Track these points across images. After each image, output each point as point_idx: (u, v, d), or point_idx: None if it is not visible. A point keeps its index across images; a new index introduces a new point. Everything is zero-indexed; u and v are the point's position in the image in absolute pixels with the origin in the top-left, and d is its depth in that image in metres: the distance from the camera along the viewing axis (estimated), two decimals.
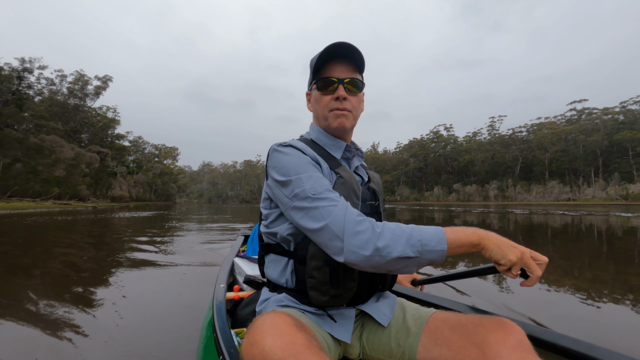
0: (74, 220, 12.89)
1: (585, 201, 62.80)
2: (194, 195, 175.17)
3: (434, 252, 0.78)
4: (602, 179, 71.00)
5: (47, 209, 24.60)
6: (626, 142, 68.54)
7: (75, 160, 42.39)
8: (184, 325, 2.16)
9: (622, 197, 56.95)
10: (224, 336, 0.98)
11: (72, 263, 4.26)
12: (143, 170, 76.55)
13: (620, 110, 75.86)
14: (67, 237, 7.21)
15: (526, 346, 0.75)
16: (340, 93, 0.99)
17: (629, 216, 15.03)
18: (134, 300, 2.73)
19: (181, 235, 7.87)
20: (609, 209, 24.41)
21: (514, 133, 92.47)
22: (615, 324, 2.35)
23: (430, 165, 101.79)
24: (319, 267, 0.89)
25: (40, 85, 46.09)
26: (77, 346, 1.89)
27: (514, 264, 0.77)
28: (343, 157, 1.08)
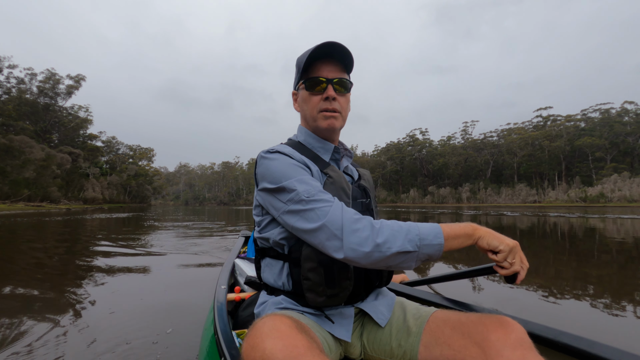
0: (50, 221, 13.03)
1: (548, 203, 66.56)
2: (170, 197, 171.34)
3: (432, 246, 0.79)
4: (565, 182, 75.43)
5: (20, 211, 24.13)
6: (586, 147, 73.28)
7: (46, 161, 41.18)
8: (186, 327, 2.16)
9: (582, 199, 61.00)
10: (225, 337, 0.98)
11: (55, 264, 4.43)
12: (117, 172, 74.61)
13: (582, 117, 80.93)
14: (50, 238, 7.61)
15: (527, 344, 0.75)
16: (329, 93, 0.99)
17: (577, 217, 16.54)
18: (133, 302, 2.73)
19: (176, 235, 8.15)
20: (569, 211, 26.19)
21: (485, 138, 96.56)
22: (572, 313, 2.55)
23: (406, 168, 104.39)
24: (314, 269, 0.90)
25: (10, 85, 44.81)
26: (78, 350, 1.87)
27: (511, 249, 0.82)
28: (332, 158, 1.10)
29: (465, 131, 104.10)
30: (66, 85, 56.10)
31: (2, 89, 42.84)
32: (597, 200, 57.86)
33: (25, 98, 49.28)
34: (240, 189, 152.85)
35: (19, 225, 10.90)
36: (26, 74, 50.32)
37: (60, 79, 55.01)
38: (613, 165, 68.09)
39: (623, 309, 2.63)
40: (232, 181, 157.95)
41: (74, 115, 60.64)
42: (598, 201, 57.40)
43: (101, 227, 10.46)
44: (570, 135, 78.43)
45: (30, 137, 41.97)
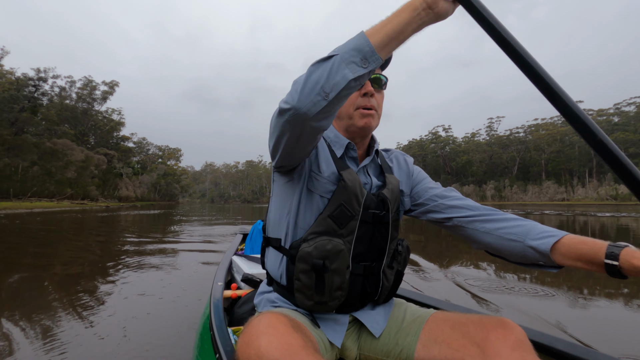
0: (98, 216, 14.76)
1: (577, 201, 64.46)
2: (197, 195, 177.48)
3: (351, 41, 0.70)
4: (595, 179, 72.58)
5: (68, 208, 26.88)
6: (619, 143, 69.99)
7: (85, 162, 44.66)
8: (181, 323, 2.15)
9: (612, 197, 58.71)
10: (220, 334, 0.99)
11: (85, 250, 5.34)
12: (147, 171, 78.57)
13: (614, 111, 77.46)
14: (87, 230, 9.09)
15: (526, 346, 0.74)
16: (368, 89, 0.93)
17: (614, 216, 16.65)
18: (130, 297, 2.78)
19: (183, 231, 8.87)
20: (599, 209, 25.71)
21: (511, 134, 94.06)
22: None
23: (429, 166, 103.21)
24: (306, 271, 0.87)
25: (53, 93, 49.31)
26: (71, 343, 1.89)
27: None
28: (348, 155, 1.02)
29: (491, 127, 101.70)
30: (102, 91, 60.17)
31: (46, 97, 46.92)
32: (628, 198, 55.53)
33: (66, 104, 53.53)
34: (264, 187, 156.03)
35: (76, 219, 12.71)
36: (66, 81, 54.59)
37: (96, 85, 59.14)
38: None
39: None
40: (255, 179, 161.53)
41: (108, 118, 64.76)
42: (630, 199, 55.09)
43: (141, 222, 12.02)
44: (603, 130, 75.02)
45: (71, 140, 45.58)
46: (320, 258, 0.86)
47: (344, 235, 0.91)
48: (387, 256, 0.99)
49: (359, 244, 0.93)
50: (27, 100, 40.46)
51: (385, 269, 0.99)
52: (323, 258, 0.87)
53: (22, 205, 25.95)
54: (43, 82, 44.86)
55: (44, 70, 44.70)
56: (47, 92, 46.68)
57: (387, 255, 0.99)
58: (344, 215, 0.91)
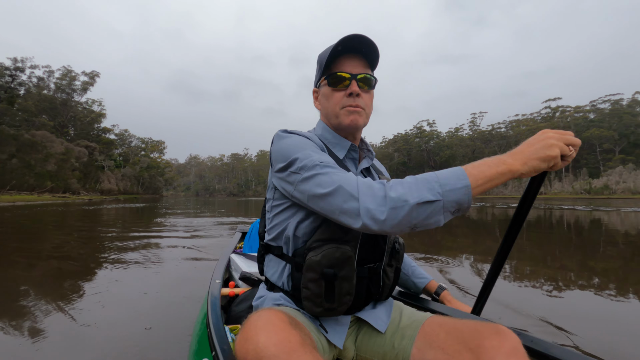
0: (80, 209, 14.76)
1: (553, 195, 67.00)
2: (181, 188, 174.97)
3: (457, 191, 0.70)
4: (571, 173, 75.34)
5: (51, 201, 26.48)
6: (594, 139, 72.89)
7: (65, 154, 43.66)
8: (178, 320, 2.15)
9: (586, 191, 61.27)
10: (217, 332, 0.99)
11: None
12: (130, 164, 77.18)
13: (591, 108, 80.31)
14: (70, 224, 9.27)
15: (521, 354, 0.75)
16: (353, 89, 0.95)
17: (572, 209, 17.51)
18: (126, 293, 2.75)
19: (174, 226, 8.79)
20: (574, 203, 26.98)
21: (493, 129, 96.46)
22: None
23: (413, 160, 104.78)
24: (315, 280, 0.86)
25: (31, 83, 47.80)
26: (65, 342, 1.86)
27: (563, 155, 0.75)
28: (348, 156, 1.04)
29: (474, 122, 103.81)
30: (82, 81, 58.70)
31: (24, 87, 45.61)
32: (601, 192, 58.11)
33: (44, 94, 52.02)
34: (250, 181, 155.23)
35: (60, 213, 12.71)
36: (44, 71, 52.99)
37: (76, 75, 57.59)
38: (621, 157, 67.81)
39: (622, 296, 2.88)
40: (241, 173, 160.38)
41: (88, 109, 63.19)
42: (602, 193, 57.67)
43: (124, 215, 12.15)
44: (578, 127, 77.94)
45: (50, 132, 44.41)
46: (330, 267, 0.85)
47: (349, 240, 0.90)
48: (386, 255, 1.00)
49: (363, 248, 0.94)
50: (3, 91, 39.24)
51: (386, 267, 1.00)
52: (332, 266, 0.86)
53: (2, 198, 25.42)
54: (20, 72, 43.67)
55: (21, 60, 43.39)
56: (24, 83, 45.33)
57: (386, 254, 1.00)
58: None
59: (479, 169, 0.73)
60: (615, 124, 73.15)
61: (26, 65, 44.19)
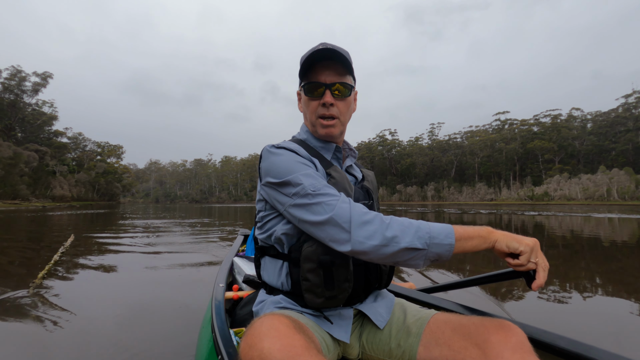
0: (41, 216, 14.32)
1: (502, 201, 72.52)
2: (140, 194, 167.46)
3: (442, 246, 0.78)
4: (518, 181, 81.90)
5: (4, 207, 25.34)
6: (537, 150, 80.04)
7: (14, 159, 41.13)
8: (183, 325, 2.15)
9: (529, 198, 67.21)
10: (222, 336, 0.99)
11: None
12: (85, 169, 73.42)
13: (534, 122, 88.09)
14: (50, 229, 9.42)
15: (527, 348, 0.75)
16: (326, 99, 0.98)
17: (514, 214, 19.54)
18: (132, 299, 2.75)
19: (172, 232, 8.74)
20: (519, 208, 29.33)
21: (450, 139, 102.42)
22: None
23: (376, 167, 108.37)
24: (313, 270, 0.89)
25: None
26: (73, 347, 1.87)
27: (532, 249, 0.80)
28: (334, 157, 1.08)
29: (432, 132, 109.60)
30: (32, 82, 55.57)
31: None
32: (541, 198, 63.98)
33: None
34: (213, 187, 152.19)
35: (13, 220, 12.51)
36: None
37: (26, 76, 54.47)
38: (559, 167, 74.95)
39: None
40: (204, 179, 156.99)
41: (39, 111, 59.61)
42: (542, 199, 63.48)
43: (83, 221, 12.14)
44: (523, 139, 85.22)
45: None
46: (326, 254, 0.88)
47: None
48: None
49: None
50: None
51: None
52: (328, 253, 0.88)
53: None
54: None
55: None
56: None
57: None
58: None
59: (465, 229, 0.81)
60: (554, 137, 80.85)
61: None
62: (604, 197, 56.27)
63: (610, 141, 72.98)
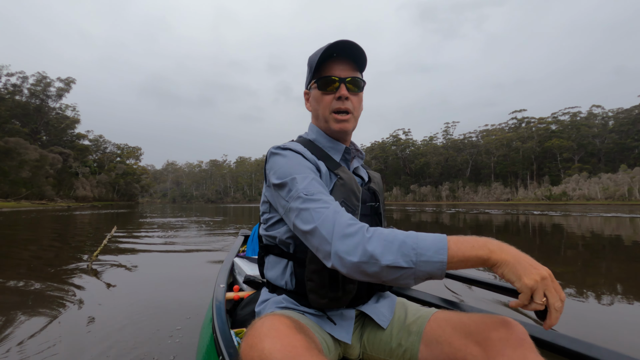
0: (70, 215, 15.22)
1: (518, 201, 71.26)
2: (157, 195, 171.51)
3: (431, 264, 0.68)
4: (536, 181, 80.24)
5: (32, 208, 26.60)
6: (555, 148, 78.18)
7: (40, 161, 43.12)
8: (184, 325, 2.16)
9: (546, 198, 65.80)
10: (223, 336, 0.98)
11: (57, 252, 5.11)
12: (105, 171, 75.86)
13: (552, 120, 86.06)
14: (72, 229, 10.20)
15: (528, 345, 0.74)
16: (342, 92, 0.97)
17: (534, 214, 19.06)
18: (133, 299, 2.77)
19: (176, 231, 8.91)
20: (536, 208, 28.81)
21: (465, 138, 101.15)
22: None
23: (390, 167, 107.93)
24: (318, 271, 0.88)
25: (6, 91, 47.50)
26: (73, 346, 1.86)
27: (533, 289, 0.65)
28: (342, 158, 1.07)
29: (447, 131, 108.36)
30: (56, 87, 58.19)
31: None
32: (559, 198, 62.57)
33: (17, 100, 51.17)
34: (228, 187, 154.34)
35: (45, 219, 13.28)
36: (18, 77, 52.04)
37: (51, 81, 57.01)
38: (579, 166, 73.04)
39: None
40: (219, 179, 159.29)
41: (62, 115, 62.22)
42: (560, 199, 62.09)
43: (111, 220, 12.77)
44: (541, 137, 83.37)
45: (23, 139, 43.74)
46: None
47: None
48: None
49: None
50: None
51: None
52: None
53: None
54: None
55: None
56: None
57: None
58: (346, 211, 0.89)
59: (461, 246, 0.69)
60: (574, 135, 78.82)
61: (2, 73, 44.41)
62: (625, 196, 54.60)
63: (633, 139, 70.60)
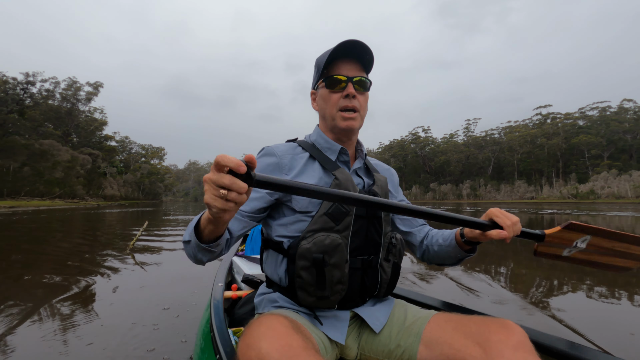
0: (102, 213, 16.33)
1: (542, 199, 68.97)
2: (180, 193, 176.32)
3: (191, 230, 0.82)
4: (562, 179, 77.47)
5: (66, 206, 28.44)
6: (582, 145, 75.13)
7: (71, 162, 45.57)
8: (182, 324, 2.16)
9: (573, 196, 63.36)
10: (221, 335, 0.99)
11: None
12: (131, 170, 78.82)
13: (580, 115, 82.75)
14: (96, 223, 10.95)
15: (528, 347, 0.75)
16: (349, 91, 0.98)
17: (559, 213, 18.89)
18: (131, 297, 2.76)
19: (177, 227, 9.51)
20: (561, 207, 28.07)
21: (487, 135, 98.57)
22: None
23: (409, 165, 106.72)
24: (306, 268, 0.89)
25: (40, 96, 51.03)
26: (69, 345, 1.86)
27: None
28: (339, 159, 1.08)
29: (468, 129, 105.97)
30: (86, 91, 61.36)
31: (31, 98, 48.61)
32: (587, 196, 60.20)
33: (50, 104, 54.49)
34: None
35: (82, 216, 14.30)
36: (51, 82, 55.29)
37: (80, 86, 60.25)
38: (608, 163, 69.93)
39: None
40: None
41: (91, 118, 65.35)
42: (588, 198, 59.76)
43: (139, 217, 13.59)
44: (567, 133, 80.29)
45: (56, 141, 46.47)
46: (320, 253, 0.89)
47: (340, 230, 0.93)
48: (382, 249, 1.02)
49: (355, 239, 0.96)
50: (15, 103, 41.60)
51: (382, 262, 1.01)
52: (322, 252, 0.89)
53: (21, 203, 27.23)
54: (31, 86, 46.87)
55: (32, 74, 46.70)
56: (34, 95, 48.57)
57: (382, 248, 1.01)
58: (339, 211, 0.93)
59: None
60: (602, 131, 75.51)
61: (37, 79, 47.75)
62: None
63: None
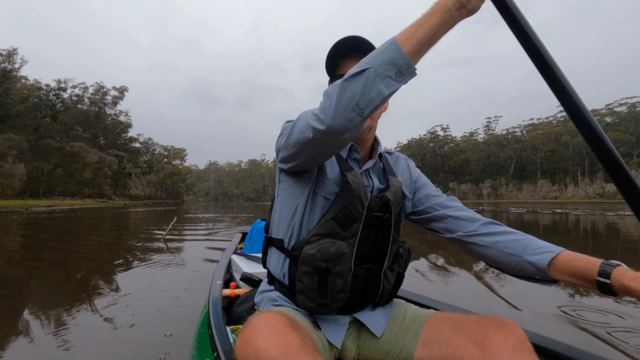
0: (129, 212, 17.41)
1: (567, 199, 66.95)
2: (201, 193, 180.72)
3: (383, 52, 0.67)
4: (588, 178, 74.83)
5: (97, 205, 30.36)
6: None
7: (99, 164, 47.97)
8: (180, 321, 2.15)
9: (599, 195, 61.22)
10: (219, 333, 0.99)
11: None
12: (154, 171, 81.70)
13: (607, 112, 79.64)
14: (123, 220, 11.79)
15: (526, 347, 0.75)
16: None
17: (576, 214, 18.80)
18: (130, 294, 2.78)
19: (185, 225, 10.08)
20: (587, 207, 27.39)
21: (508, 133, 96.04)
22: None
23: (427, 165, 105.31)
24: (309, 273, 0.87)
25: (70, 101, 54.69)
26: (66, 343, 1.86)
27: None
28: (350, 157, 1.03)
29: (488, 127, 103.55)
30: (112, 96, 64.87)
31: (62, 103, 52.16)
32: (614, 196, 58.03)
33: (80, 108, 57.74)
34: (266, 186, 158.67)
35: (114, 214, 15.33)
36: (80, 87, 58.81)
37: (107, 90, 63.70)
38: (637, 161, 67.09)
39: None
40: (258, 178, 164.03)
41: (117, 120, 68.47)
42: (615, 197, 57.59)
43: (165, 215, 14.39)
44: None
45: (85, 143, 49.12)
46: (324, 261, 0.86)
47: (347, 237, 0.90)
48: (388, 258, 0.98)
49: (361, 247, 0.92)
50: (48, 108, 44.46)
51: (387, 271, 0.98)
52: (326, 261, 0.86)
53: (56, 203, 29.10)
54: (63, 92, 50.46)
55: (64, 81, 50.16)
56: (65, 100, 52.04)
57: (388, 257, 0.98)
58: (348, 217, 0.90)
59: (409, 25, 0.68)
60: (632, 127, 72.42)
61: (68, 85, 51.50)
62: None
63: None
